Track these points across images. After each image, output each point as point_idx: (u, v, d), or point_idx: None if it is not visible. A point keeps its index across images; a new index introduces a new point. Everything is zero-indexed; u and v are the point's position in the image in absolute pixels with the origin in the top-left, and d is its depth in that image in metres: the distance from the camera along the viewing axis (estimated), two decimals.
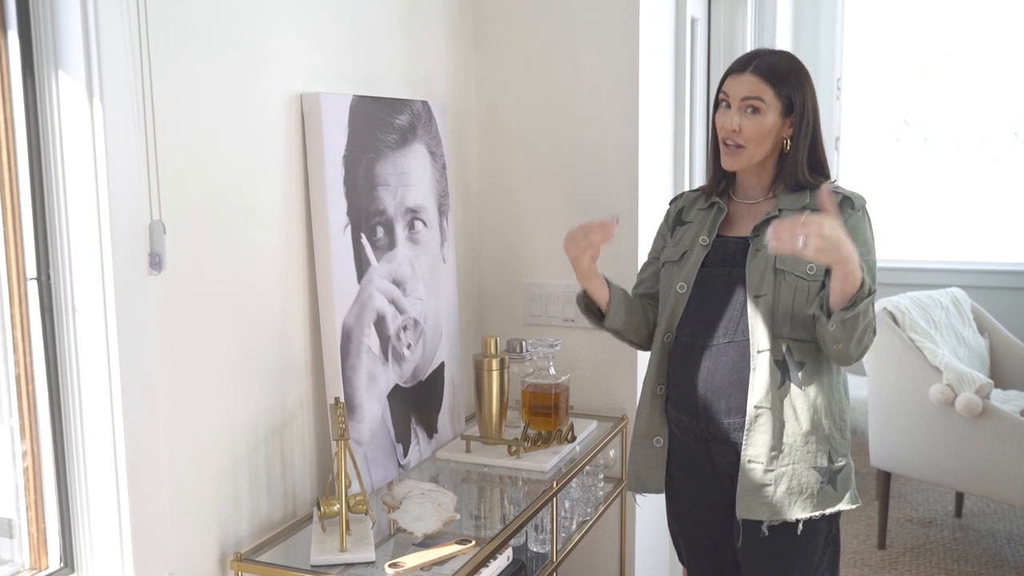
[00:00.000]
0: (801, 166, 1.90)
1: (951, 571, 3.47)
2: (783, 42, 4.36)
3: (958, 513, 3.96)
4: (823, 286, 1.83)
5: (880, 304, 3.56)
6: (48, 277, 1.47)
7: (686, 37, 2.79)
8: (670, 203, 2.13)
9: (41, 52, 1.42)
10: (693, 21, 3.01)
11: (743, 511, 1.88)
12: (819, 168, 1.93)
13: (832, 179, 1.95)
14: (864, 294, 1.72)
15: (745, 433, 1.87)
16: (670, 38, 2.75)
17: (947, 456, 3.40)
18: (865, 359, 3.63)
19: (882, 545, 3.66)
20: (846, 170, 5.06)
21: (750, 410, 1.86)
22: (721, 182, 2.00)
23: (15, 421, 1.48)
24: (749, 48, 3.53)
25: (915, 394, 3.42)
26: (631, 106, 2.46)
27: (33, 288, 1.47)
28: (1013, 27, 4.96)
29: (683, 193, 2.12)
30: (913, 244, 5.39)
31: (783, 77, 1.87)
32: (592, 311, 2.04)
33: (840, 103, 4.96)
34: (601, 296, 2.00)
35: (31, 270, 1.46)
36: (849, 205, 1.89)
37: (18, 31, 1.40)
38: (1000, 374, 3.81)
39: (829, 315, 1.77)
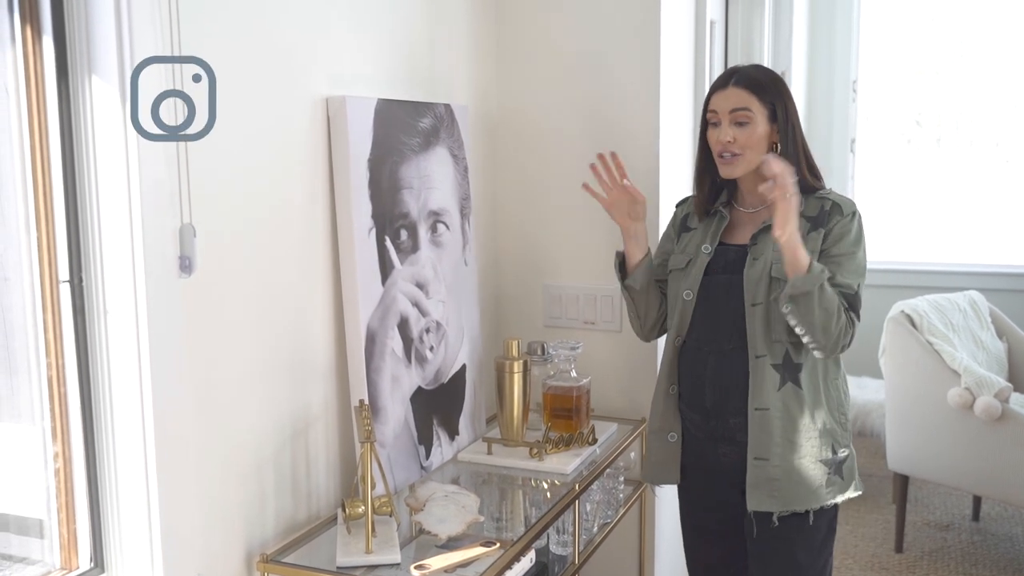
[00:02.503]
0: (801, 168, 1.97)
1: (969, 575, 3.46)
2: (799, 44, 4.36)
3: (976, 517, 3.95)
4: None
5: (897, 307, 3.55)
6: (80, 280, 1.49)
7: (706, 39, 2.80)
8: (676, 206, 2.22)
9: (75, 56, 1.43)
10: (711, 24, 3.01)
11: (753, 504, 1.97)
12: (812, 172, 2.02)
13: (825, 183, 2.04)
14: (815, 275, 1.82)
15: (749, 433, 1.96)
16: (690, 40, 2.75)
17: (965, 460, 3.39)
18: (882, 362, 3.62)
19: (899, 549, 3.65)
20: (860, 172, 5.04)
21: (751, 411, 1.95)
22: (716, 198, 2.08)
23: (47, 423, 1.50)
24: (766, 50, 3.54)
25: (933, 397, 3.41)
26: (652, 108, 2.46)
27: (65, 291, 1.48)
28: None
29: (688, 198, 2.19)
30: (930, 246, 5.37)
31: (764, 85, 1.97)
32: (620, 269, 2.17)
33: (856, 105, 4.95)
34: (633, 256, 2.15)
35: (63, 273, 1.48)
36: (838, 212, 1.97)
37: (52, 36, 1.41)
38: (1019, 377, 3.79)
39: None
